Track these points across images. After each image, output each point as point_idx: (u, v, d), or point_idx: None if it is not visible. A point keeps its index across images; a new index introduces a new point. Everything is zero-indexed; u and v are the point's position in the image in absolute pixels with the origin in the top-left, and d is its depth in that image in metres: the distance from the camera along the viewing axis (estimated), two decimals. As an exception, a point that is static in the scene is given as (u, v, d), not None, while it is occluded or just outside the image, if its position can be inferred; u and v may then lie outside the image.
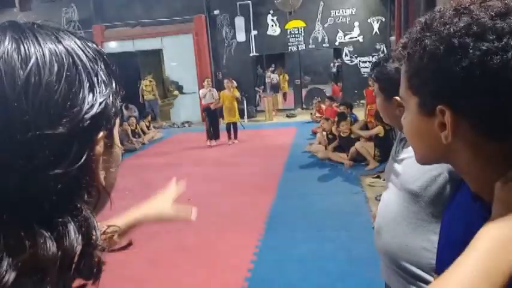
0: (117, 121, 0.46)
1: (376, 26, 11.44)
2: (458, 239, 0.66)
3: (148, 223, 1.04)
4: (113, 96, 0.43)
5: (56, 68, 0.38)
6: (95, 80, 0.41)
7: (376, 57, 11.44)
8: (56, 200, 0.37)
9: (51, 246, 0.36)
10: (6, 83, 0.35)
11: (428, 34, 0.54)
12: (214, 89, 8.67)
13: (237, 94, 8.61)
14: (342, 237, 3.77)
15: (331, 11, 11.56)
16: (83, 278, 0.40)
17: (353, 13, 11.49)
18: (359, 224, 3.93)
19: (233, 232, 4.06)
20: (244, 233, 4.02)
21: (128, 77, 12.28)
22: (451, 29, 0.51)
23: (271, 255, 3.53)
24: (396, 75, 1.23)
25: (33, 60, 0.37)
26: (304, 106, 12.79)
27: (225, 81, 8.76)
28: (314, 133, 8.38)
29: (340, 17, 11.59)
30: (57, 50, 0.39)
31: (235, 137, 8.62)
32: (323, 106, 9.98)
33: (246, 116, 11.66)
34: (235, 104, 8.51)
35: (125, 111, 10.29)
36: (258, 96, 13.40)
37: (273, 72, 16.86)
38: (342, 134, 6.47)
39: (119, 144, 0.48)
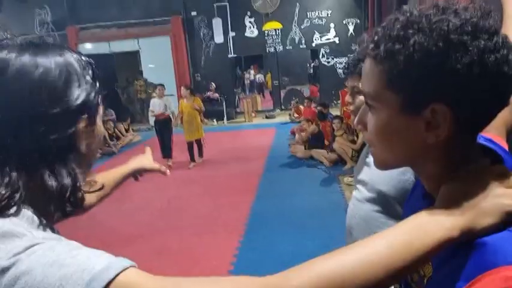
0: (100, 110, 0.66)
1: (351, 27, 11.65)
2: None
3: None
4: (95, 93, 0.63)
5: (57, 72, 0.58)
6: (82, 81, 0.61)
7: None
8: (55, 154, 0.57)
9: (53, 181, 0.56)
10: (23, 82, 0.56)
11: (411, 32, 0.52)
12: (169, 98, 7.07)
13: (198, 105, 6.82)
14: (321, 236, 3.83)
15: (307, 13, 11.69)
16: (72, 206, 0.60)
17: (329, 15, 11.66)
18: (338, 222, 3.98)
19: (213, 233, 4.07)
20: (225, 234, 4.03)
21: (103, 79, 11.86)
22: (450, 26, 0.50)
23: (251, 255, 3.55)
24: None
25: (41, 68, 0.57)
26: (283, 107, 12.89)
27: (182, 88, 7.04)
28: (293, 133, 8.46)
29: (316, 19, 11.73)
30: (59, 61, 0.59)
31: (200, 155, 7.13)
32: (301, 107, 10.08)
33: (225, 118, 11.66)
34: (198, 117, 6.89)
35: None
36: (237, 98, 13.41)
37: (258, 72, 17.14)
38: (335, 133, 6.59)
39: (101, 126, 0.67)
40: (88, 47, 12.22)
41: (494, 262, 0.49)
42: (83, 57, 0.64)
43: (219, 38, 11.83)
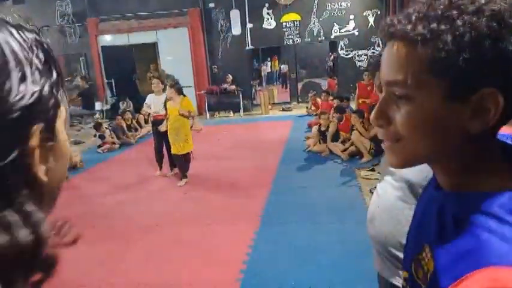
0: (62, 113, 0.43)
1: (371, 19, 11.43)
2: (416, 223, 0.72)
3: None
4: (51, 86, 0.40)
5: None
6: (27, 69, 0.38)
7: (371, 50, 11.45)
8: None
9: (3, 237, 0.34)
10: None
11: (457, 12, 0.49)
12: (165, 95, 5.58)
13: (187, 109, 5.33)
14: (337, 230, 3.81)
15: (327, 4, 11.52)
16: (35, 272, 0.38)
17: (348, 6, 11.46)
18: (353, 216, 3.98)
19: (228, 226, 4.10)
20: (240, 227, 4.05)
21: (122, 70, 12.22)
22: (502, 7, 0.48)
23: (266, 248, 3.57)
24: None
25: None
26: (300, 100, 12.81)
27: (167, 87, 5.48)
28: (309, 126, 8.41)
29: (336, 10, 11.56)
30: None
31: (184, 175, 5.58)
32: (318, 100, 10.00)
33: (242, 110, 11.67)
34: (187, 123, 5.40)
35: (120, 106, 10.25)
36: (254, 90, 13.38)
37: (282, 63, 17.35)
38: (354, 128, 6.49)
39: (66, 138, 0.44)
40: (107, 38, 12.37)
41: (485, 261, 0.47)
42: (27, 34, 0.41)
43: (236, 30, 11.79)
